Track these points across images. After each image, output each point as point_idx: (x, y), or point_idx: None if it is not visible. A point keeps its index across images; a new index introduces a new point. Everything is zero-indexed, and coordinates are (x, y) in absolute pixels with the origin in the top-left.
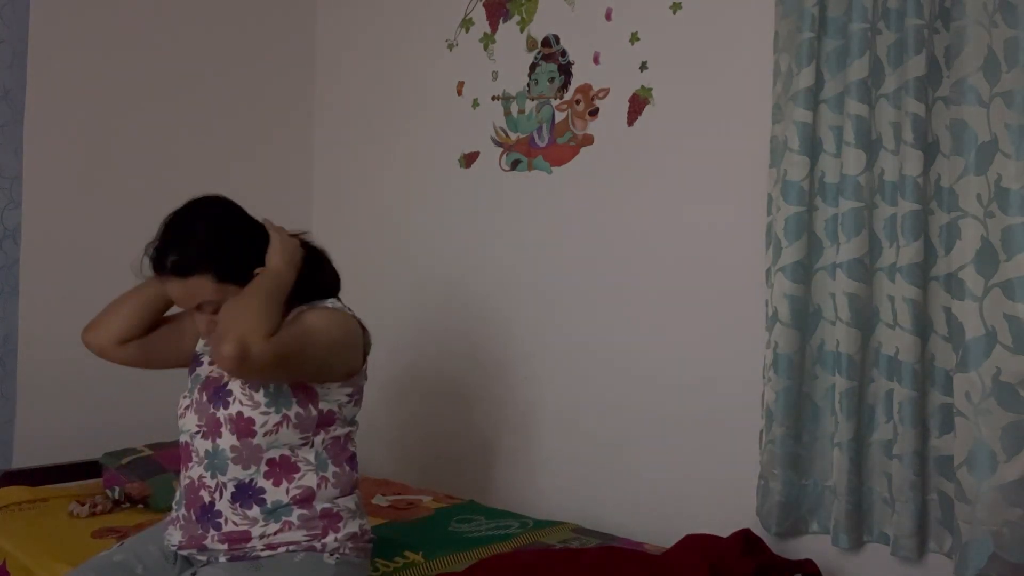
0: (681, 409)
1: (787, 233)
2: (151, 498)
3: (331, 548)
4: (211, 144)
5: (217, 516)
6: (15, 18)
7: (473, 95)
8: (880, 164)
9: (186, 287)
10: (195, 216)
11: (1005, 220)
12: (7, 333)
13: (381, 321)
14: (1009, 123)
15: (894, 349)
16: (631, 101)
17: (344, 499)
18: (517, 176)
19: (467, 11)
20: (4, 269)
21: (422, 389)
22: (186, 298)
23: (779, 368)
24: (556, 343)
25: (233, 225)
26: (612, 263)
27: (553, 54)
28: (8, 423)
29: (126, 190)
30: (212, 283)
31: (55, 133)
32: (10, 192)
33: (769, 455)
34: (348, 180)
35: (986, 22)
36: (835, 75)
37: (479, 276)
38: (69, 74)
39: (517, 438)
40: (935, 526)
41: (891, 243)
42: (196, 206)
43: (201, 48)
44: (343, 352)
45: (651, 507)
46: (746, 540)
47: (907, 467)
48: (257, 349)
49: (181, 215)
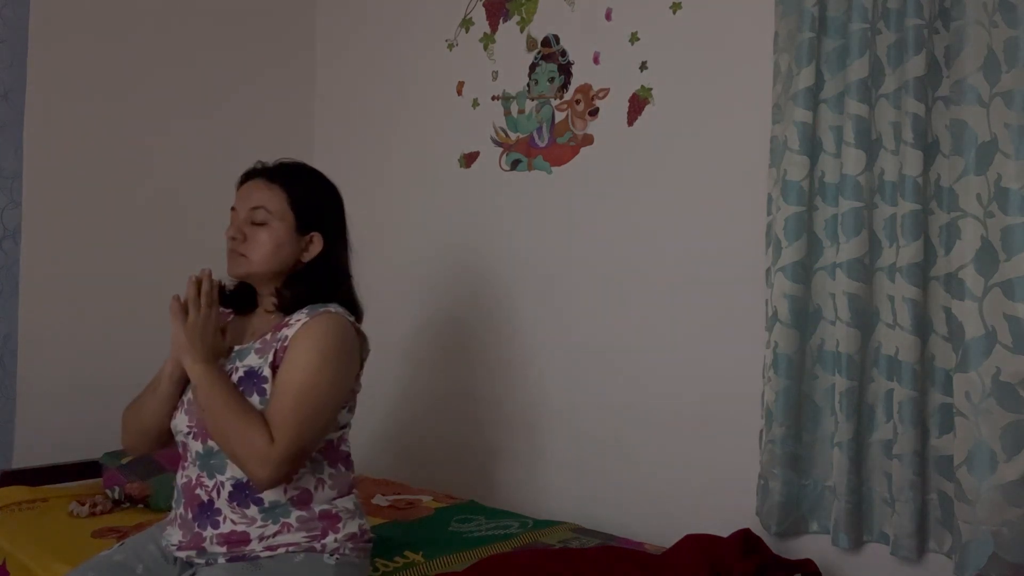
0: (681, 409)
1: (787, 233)
2: (151, 498)
3: (331, 548)
4: (211, 144)
5: (216, 515)
6: (15, 18)
7: (473, 95)
8: (880, 164)
9: (262, 190)
10: (305, 164)
11: (1005, 220)
12: (7, 333)
13: (380, 321)
14: (1009, 123)
15: (894, 349)
16: (631, 101)
17: (342, 500)
18: (517, 176)
19: (467, 11)
20: (4, 269)
21: (422, 389)
22: (250, 198)
23: (779, 368)
24: (556, 343)
25: (327, 186)
26: (612, 263)
27: (553, 54)
28: (8, 423)
29: (126, 190)
30: (283, 200)
31: (55, 133)
32: (10, 192)
33: (769, 455)
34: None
35: (986, 22)
36: (835, 75)
37: (479, 276)
38: (69, 74)
39: (517, 438)
40: (935, 526)
41: (891, 243)
42: (307, 165)
43: (201, 48)
44: (343, 363)
45: (651, 507)
46: (746, 540)
47: (907, 467)
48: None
49: (292, 160)
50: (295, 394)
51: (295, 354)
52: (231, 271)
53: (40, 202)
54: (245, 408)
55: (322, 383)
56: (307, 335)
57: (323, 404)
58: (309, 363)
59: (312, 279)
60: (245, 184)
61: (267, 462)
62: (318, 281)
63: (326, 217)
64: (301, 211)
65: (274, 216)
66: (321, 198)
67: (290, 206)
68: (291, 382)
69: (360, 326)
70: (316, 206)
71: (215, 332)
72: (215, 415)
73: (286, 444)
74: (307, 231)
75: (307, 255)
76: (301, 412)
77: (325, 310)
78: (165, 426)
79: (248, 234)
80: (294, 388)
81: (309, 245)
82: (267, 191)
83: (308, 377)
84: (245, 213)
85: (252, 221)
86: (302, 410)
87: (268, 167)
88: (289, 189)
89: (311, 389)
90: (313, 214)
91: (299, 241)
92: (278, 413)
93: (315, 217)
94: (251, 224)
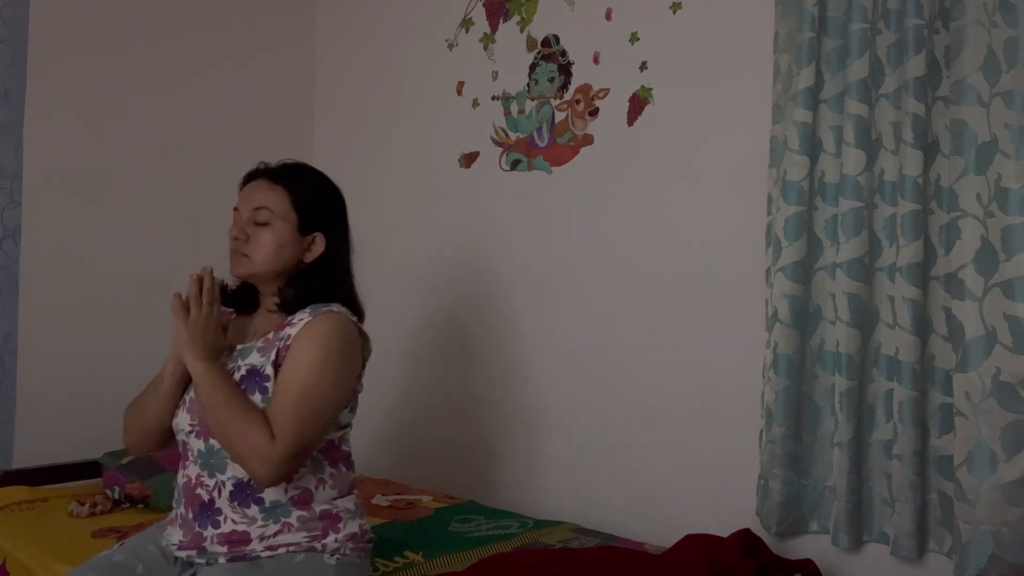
0: (681, 409)
1: (787, 233)
2: (151, 498)
3: (331, 549)
4: (211, 144)
5: (216, 514)
6: (15, 18)
7: (473, 95)
8: (880, 164)
9: (265, 190)
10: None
11: (1005, 220)
12: (7, 333)
13: (380, 321)
14: (1009, 123)
15: (894, 349)
16: (631, 101)
17: (343, 500)
18: (517, 176)
19: (467, 11)
20: (4, 269)
21: (422, 389)
22: (252, 199)
23: (779, 368)
24: (556, 343)
25: (329, 186)
26: (612, 263)
27: (553, 54)
28: (8, 423)
29: (126, 190)
30: (286, 200)
31: (55, 133)
32: (10, 192)
33: (769, 455)
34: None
35: (986, 22)
36: (835, 75)
37: (479, 276)
38: (69, 74)
39: (517, 438)
40: (935, 526)
41: (891, 243)
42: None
43: (201, 48)
44: (345, 363)
45: (651, 507)
46: (746, 540)
47: (907, 467)
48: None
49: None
50: (297, 393)
51: (297, 353)
52: (233, 271)
53: (40, 202)
54: (246, 406)
55: (324, 383)
56: (310, 334)
57: (324, 403)
58: (312, 362)
59: (314, 279)
60: (248, 184)
61: (268, 460)
62: (320, 281)
63: (329, 218)
64: (304, 211)
65: (277, 216)
66: (324, 199)
67: (293, 206)
68: (293, 381)
69: (362, 326)
70: (319, 206)
71: (216, 330)
72: (216, 413)
73: (287, 443)
74: (309, 231)
75: (309, 255)
76: (303, 411)
77: (328, 310)
78: (167, 425)
79: (251, 234)
80: (296, 387)
81: (311, 245)
82: (270, 191)
83: (310, 376)
84: (248, 213)
85: (255, 221)
86: (303, 409)
87: (271, 167)
88: (292, 189)
89: (313, 388)
90: (316, 214)
91: (301, 241)
92: (280, 412)
93: (318, 217)
94: (254, 224)
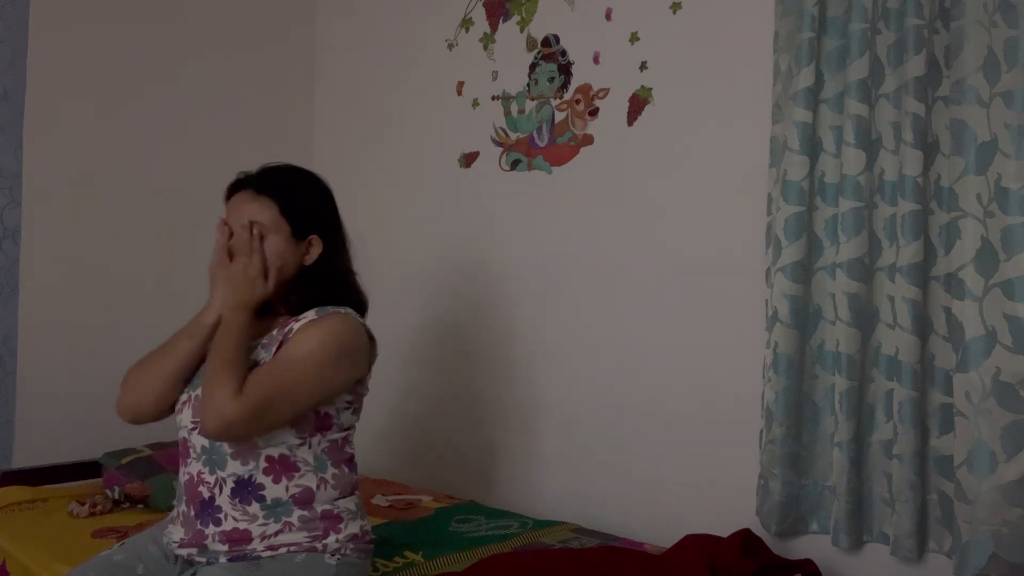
0: (681, 409)
1: (787, 233)
2: (151, 498)
3: (332, 549)
4: (211, 144)
5: (217, 512)
6: (15, 18)
7: (473, 95)
8: (880, 164)
9: (251, 203)
10: (287, 166)
11: (1005, 220)
12: (7, 333)
13: (380, 321)
14: (1009, 123)
15: (894, 349)
16: (631, 101)
17: (344, 500)
18: (517, 176)
19: (467, 11)
20: (4, 269)
21: (422, 389)
22: (240, 213)
23: (779, 368)
24: (556, 343)
25: (315, 185)
26: (612, 263)
27: (553, 54)
28: (8, 423)
29: (126, 190)
30: (274, 210)
31: (55, 133)
32: (10, 192)
33: (769, 455)
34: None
35: (986, 22)
36: (835, 75)
37: (479, 276)
38: (69, 74)
39: (517, 438)
40: (935, 526)
41: (891, 243)
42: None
43: (201, 48)
44: (341, 364)
45: (651, 507)
46: (746, 540)
47: (907, 467)
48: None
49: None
50: (280, 363)
51: (297, 336)
52: None
53: (40, 202)
54: (240, 361)
55: (310, 366)
56: (316, 324)
57: (302, 385)
58: (304, 343)
59: (318, 280)
60: (233, 197)
61: (220, 412)
62: (325, 281)
63: (321, 218)
64: (295, 218)
65: (269, 228)
66: (312, 200)
67: (283, 215)
68: (282, 354)
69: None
70: (309, 208)
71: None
72: (216, 358)
73: (246, 404)
74: (304, 235)
75: (309, 258)
76: (276, 381)
77: (335, 310)
78: (179, 387)
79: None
80: (281, 360)
81: (309, 248)
82: (256, 204)
83: (298, 354)
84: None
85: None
86: (278, 380)
87: (252, 176)
88: (279, 198)
89: (296, 363)
90: (307, 218)
91: (298, 246)
92: (256, 374)
93: (310, 220)
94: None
